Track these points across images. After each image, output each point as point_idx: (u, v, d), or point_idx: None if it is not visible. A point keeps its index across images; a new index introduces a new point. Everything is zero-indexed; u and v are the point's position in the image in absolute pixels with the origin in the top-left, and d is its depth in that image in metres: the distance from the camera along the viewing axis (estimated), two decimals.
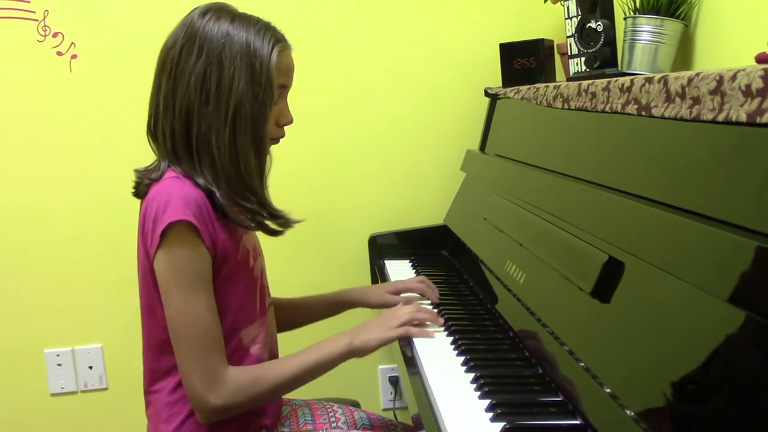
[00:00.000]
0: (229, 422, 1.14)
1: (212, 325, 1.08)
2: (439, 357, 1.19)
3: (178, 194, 1.07)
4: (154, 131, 1.15)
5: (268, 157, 1.20)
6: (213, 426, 1.13)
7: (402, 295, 1.48)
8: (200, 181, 1.10)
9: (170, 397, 1.15)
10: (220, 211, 1.11)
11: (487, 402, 0.99)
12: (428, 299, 1.48)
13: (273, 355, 1.26)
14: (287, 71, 1.17)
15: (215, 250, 1.10)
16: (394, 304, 1.43)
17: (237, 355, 1.16)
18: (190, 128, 1.10)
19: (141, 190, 1.14)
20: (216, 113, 1.09)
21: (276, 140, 1.20)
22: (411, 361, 1.19)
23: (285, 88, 1.18)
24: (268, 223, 1.17)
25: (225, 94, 1.09)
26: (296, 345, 1.22)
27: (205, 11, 1.13)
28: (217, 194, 1.10)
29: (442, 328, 1.31)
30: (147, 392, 1.20)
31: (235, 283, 1.15)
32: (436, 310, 1.43)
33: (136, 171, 1.16)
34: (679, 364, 0.76)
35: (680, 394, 0.75)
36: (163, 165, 1.13)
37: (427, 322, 1.30)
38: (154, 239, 1.06)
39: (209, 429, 1.14)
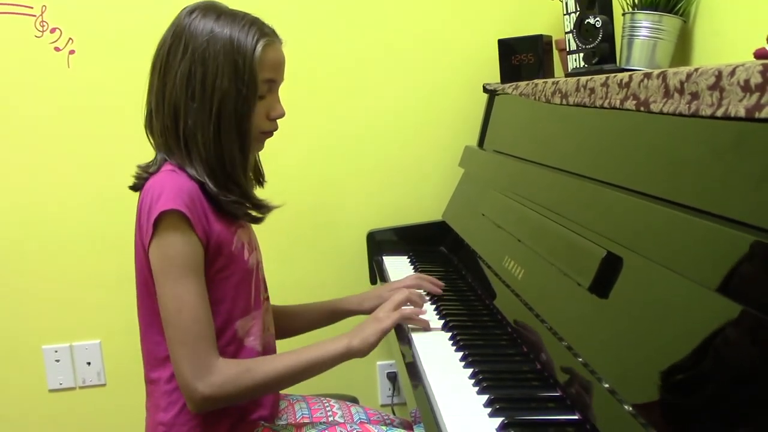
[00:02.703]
0: (226, 413, 1.15)
1: (202, 313, 1.09)
2: (438, 353, 1.19)
3: (171, 185, 1.09)
4: (150, 126, 1.18)
5: (257, 148, 1.21)
6: (209, 415, 1.14)
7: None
8: (191, 172, 1.12)
9: (168, 385, 1.15)
10: (214, 201, 1.13)
11: (485, 397, 0.99)
12: (430, 294, 1.49)
13: (269, 348, 1.26)
14: (274, 65, 1.17)
15: (209, 241, 1.11)
16: None
17: (232, 346, 1.17)
18: (178, 124, 1.13)
19: (139, 184, 1.17)
20: (201, 110, 1.11)
21: (269, 133, 1.21)
22: (409, 357, 1.19)
23: (274, 82, 1.18)
24: (251, 212, 1.20)
25: (209, 92, 1.11)
26: (294, 345, 1.21)
27: (192, 9, 1.15)
28: (209, 185, 1.12)
29: (441, 323, 1.31)
30: (147, 380, 1.21)
31: (229, 275, 1.16)
32: (434, 306, 1.43)
33: (138, 167, 1.19)
34: (678, 359, 0.77)
35: (678, 389, 0.75)
36: (160, 158, 1.16)
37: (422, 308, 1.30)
38: (148, 229, 1.08)
39: (206, 418, 1.14)
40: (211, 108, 1.11)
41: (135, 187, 1.18)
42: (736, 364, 0.68)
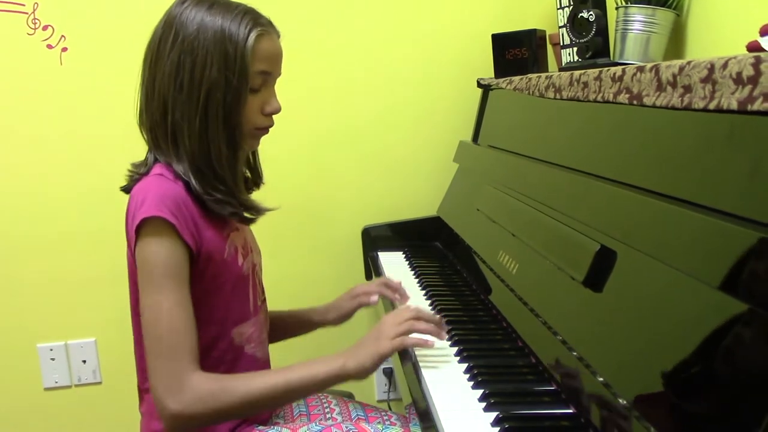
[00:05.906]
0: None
1: (180, 324, 1.02)
2: (433, 348, 1.18)
3: (156, 191, 1.05)
4: (141, 121, 1.15)
5: (251, 145, 1.18)
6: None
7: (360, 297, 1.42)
8: (178, 169, 1.09)
9: None
10: (200, 202, 1.09)
11: (480, 392, 0.99)
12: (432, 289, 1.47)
13: (266, 354, 1.25)
14: (270, 57, 1.13)
15: (199, 247, 1.07)
16: (353, 312, 1.41)
17: (230, 355, 1.15)
18: (166, 118, 1.09)
19: (130, 185, 1.14)
20: (188, 101, 1.08)
21: (264, 130, 1.17)
22: (404, 353, 1.19)
23: (269, 75, 1.14)
24: (240, 212, 1.15)
25: (197, 82, 1.07)
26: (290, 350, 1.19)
27: None
28: (193, 183, 1.08)
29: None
30: (140, 389, 1.19)
31: (222, 282, 1.13)
32: (429, 301, 1.43)
33: (132, 165, 1.16)
34: (672, 352, 0.77)
35: (673, 382, 0.75)
36: (150, 158, 1.13)
37: (429, 334, 1.13)
38: (132, 236, 1.05)
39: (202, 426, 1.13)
40: (198, 98, 1.07)
41: (126, 189, 1.14)
42: (730, 357, 0.68)
